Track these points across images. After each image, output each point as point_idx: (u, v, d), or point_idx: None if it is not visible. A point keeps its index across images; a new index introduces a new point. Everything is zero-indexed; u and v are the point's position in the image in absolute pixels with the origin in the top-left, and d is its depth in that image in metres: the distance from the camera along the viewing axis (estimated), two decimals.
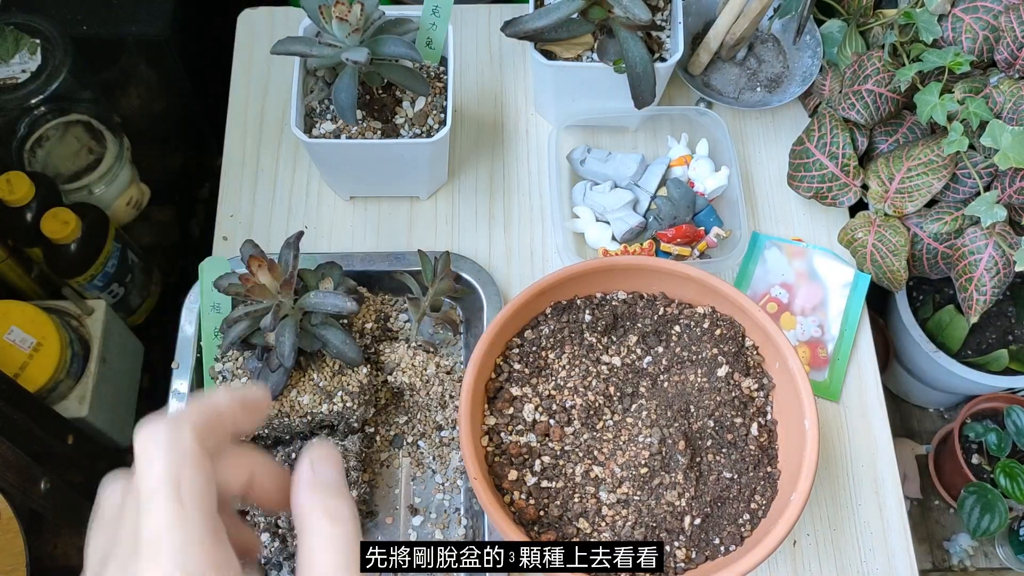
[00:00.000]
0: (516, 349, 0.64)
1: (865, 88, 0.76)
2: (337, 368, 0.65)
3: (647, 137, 0.87)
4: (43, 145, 1.11)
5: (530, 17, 0.73)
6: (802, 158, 0.80)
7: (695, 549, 0.59)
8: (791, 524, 0.55)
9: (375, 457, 0.70)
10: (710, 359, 0.63)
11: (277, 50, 0.69)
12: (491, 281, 0.76)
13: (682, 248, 0.76)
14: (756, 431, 0.61)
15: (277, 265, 0.60)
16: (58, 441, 0.86)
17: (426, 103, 0.74)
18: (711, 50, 0.85)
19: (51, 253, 1.05)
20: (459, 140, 0.86)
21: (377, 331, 0.71)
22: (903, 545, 0.71)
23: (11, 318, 0.98)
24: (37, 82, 1.04)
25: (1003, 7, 0.72)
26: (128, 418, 1.15)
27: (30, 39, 1.05)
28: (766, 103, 0.85)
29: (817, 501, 0.72)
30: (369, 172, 0.78)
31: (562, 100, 0.82)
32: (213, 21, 1.23)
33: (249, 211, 0.83)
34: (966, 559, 1.31)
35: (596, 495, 0.59)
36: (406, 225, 0.82)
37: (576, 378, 0.63)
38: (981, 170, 0.72)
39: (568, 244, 0.78)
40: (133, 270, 1.17)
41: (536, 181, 0.84)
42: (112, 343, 1.09)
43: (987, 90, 0.72)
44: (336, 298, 0.61)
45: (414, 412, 0.71)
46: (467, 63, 0.91)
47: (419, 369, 0.69)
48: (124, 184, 1.18)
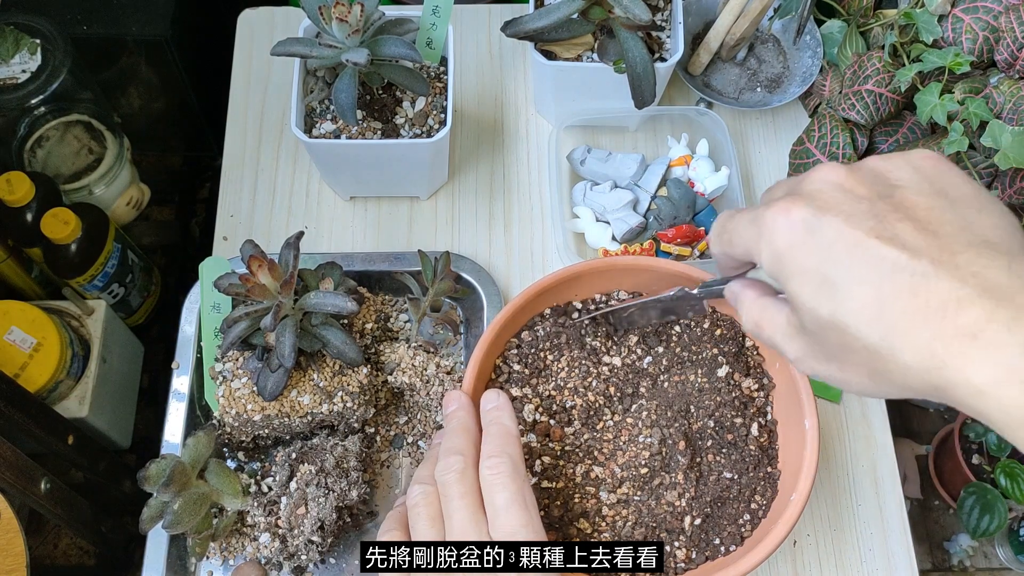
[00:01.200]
0: (516, 350, 0.64)
1: (865, 88, 0.76)
2: (337, 368, 0.65)
3: (647, 137, 0.87)
4: (43, 145, 1.11)
5: (530, 17, 0.73)
6: (802, 158, 0.80)
7: (695, 549, 0.59)
8: (791, 524, 0.55)
9: (375, 457, 0.71)
10: (710, 359, 0.63)
11: (277, 51, 0.69)
12: (491, 281, 0.76)
13: (682, 248, 0.76)
14: (756, 431, 0.61)
15: (277, 265, 0.60)
16: (58, 441, 0.86)
17: (426, 103, 0.74)
18: (711, 50, 0.85)
19: (51, 253, 1.05)
20: (459, 140, 0.86)
21: (377, 331, 0.71)
22: (903, 545, 0.71)
23: (11, 318, 0.99)
24: (37, 82, 1.05)
25: (1003, 7, 0.72)
26: (128, 418, 1.15)
27: (30, 39, 1.05)
28: (766, 103, 0.85)
29: (817, 501, 0.72)
30: (369, 172, 0.78)
31: (562, 100, 0.82)
32: (213, 21, 1.23)
33: (249, 211, 0.83)
34: (966, 559, 1.31)
35: (596, 495, 0.59)
36: (406, 225, 0.82)
37: (576, 379, 0.63)
38: (981, 170, 0.72)
39: (568, 244, 0.78)
40: (133, 270, 1.17)
41: (536, 181, 0.85)
42: (112, 343, 1.09)
43: (987, 90, 0.72)
44: (336, 298, 0.61)
45: (414, 412, 0.71)
46: (467, 63, 0.91)
47: (419, 369, 0.69)
48: (124, 184, 1.18)
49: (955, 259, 0.34)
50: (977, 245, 0.34)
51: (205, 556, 0.65)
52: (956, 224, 0.35)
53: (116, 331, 1.11)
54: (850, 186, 0.38)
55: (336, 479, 0.63)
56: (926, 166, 0.39)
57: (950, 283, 0.33)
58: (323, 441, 0.66)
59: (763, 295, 0.45)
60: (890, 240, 0.35)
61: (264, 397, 0.63)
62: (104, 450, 1.03)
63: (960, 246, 0.34)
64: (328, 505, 0.62)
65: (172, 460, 0.61)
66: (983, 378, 0.32)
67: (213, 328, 0.69)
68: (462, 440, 0.52)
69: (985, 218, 0.36)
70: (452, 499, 0.49)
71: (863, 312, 0.35)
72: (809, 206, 0.37)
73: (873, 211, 0.36)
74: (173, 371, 0.71)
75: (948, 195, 0.37)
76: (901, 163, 0.39)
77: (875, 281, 0.35)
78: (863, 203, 0.37)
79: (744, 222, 0.41)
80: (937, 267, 0.33)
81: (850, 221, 0.36)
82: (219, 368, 0.66)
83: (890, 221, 0.36)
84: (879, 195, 0.37)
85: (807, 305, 0.37)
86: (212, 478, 0.64)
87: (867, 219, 0.36)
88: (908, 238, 0.35)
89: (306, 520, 0.62)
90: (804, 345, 0.40)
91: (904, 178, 0.38)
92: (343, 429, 0.69)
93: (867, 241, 0.35)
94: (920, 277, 0.34)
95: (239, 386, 0.65)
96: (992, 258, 0.34)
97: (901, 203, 0.37)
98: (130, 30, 1.13)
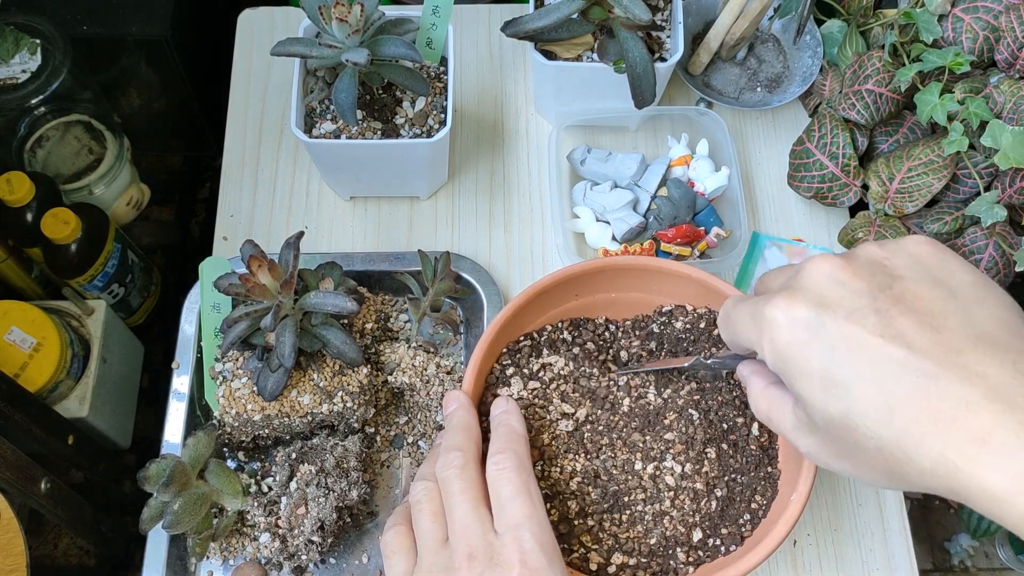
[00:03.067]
0: (516, 350, 0.64)
1: (865, 88, 0.76)
2: (337, 368, 0.65)
3: (647, 137, 0.87)
4: (43, 145, 1.11)
5: (530, 17, 0.73)
6: (802, 158, 0.80)
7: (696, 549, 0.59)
8: (791, 524, 0.55)
9: (375, 457, 0.70)
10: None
11: (277, 51, 0.69)
12: (491, 281, 0.76)
13: (682, 248, 0.76)
14: (757, 431, 0.61)
15: (277, 265, 0.60)
16: (58, 441, 0.86)
17: (426, 103, 0.74)
18: (711, 50, 0.85)
19: (51, 253, 1.05)
20: (459, 140, 0.86)
21: (377, 331, 0.71)
22: (903, 545, 0.71)
23: (11, 318, 0.99)
24: (37, 82, 1.05)
25: (1003, 7, 0.72)
26: (128, 418, 1.15)
27: (30, 39, 1.05)
28: (766, 103, 0.85)
29: (817, 501, 0.72)
30: (369, 172, 0.78)
31: (562, 100, 0.82)
32: (213, 21, 1.23)
33: (249, 211, 0.83)
34: (967, 559, 1.31)
35: (595, 503, 0.59)
36: (406, 225, 0.82)
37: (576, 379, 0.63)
38: (981, 170, 0.72)
39: (568, 244, 0.78)
40: (133, 270, 1.17)
41: (536, 181, 0.85)
42: (112, 343, 1.09)
43: (987, 90, 0.72)
44: (336, 298, 0.61)
45: (414, 412, 0.71)
46: (467, 63, 0.91)
47: (419, 369, 0.69)
48: (124, 184, 1.18)
49: (961, 359, 0.34)
50: (981, 340, 0.34)
51: (205, 556, 0.65)
52: (958, 317, 0.35)
53: (116, 331, 1.11)
54: (848, 279, 0.37)
55: (336, 479, 0.63)
56: (923, 253, 0.38)
57: (959, 386, 0.33)
58: (323, 441, 0.66)
59: (771, 384, 0.45)
60: (894, 339, 0.35)
61: (264, 397, 0.63)
62: (104, 450, 1.03)
63: (965, 343, 0.34)
64: (328, 505, 0.62)
65: (172, 460, 0.61)
66: (996, 486, 0.32)
67: (213, 328, 0.69)
68: (462, 437, 0.53)
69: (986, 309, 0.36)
70: (453, 494, 0.49)
71: (873, 414, 0.35)
72: (808, 303, 0.37)
73: (874, 306, 0.36)
74: (173, 371, 0.71)
75: (947, 284, 0.37)
76: (898, 250, 0.39)
77: (882, 382, 0.35)
78: (863, 298, 0.36)
79: (744, 315, 0.41)
80: (943, 368, 0.33)
81: (852, 318, 0.36)
82: (219, 368, 0.66)
83: (892, 316, 0.35)
84: (879, 287, 0.37)
85: (816, 405, 0.37)
86: (212, 478, 0.64)
87: (869, 315, 0.36)
88: (911, 335, 0.35)
89: (306, 520, 0.62)
90: (816, 442, 0.40)
91: (902, 266, 0.38)
92: (343, 429, 0.69)
93: (871, 340, 0.35)
94: (926, 379, 0.34)
95: (239, 386, 0.65)
96: (997, 356, 0.34)
97: (902, 295, 0.36)
98: (130, 30, 1.13)
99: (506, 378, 0.62)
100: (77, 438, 0.90)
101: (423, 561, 0.48)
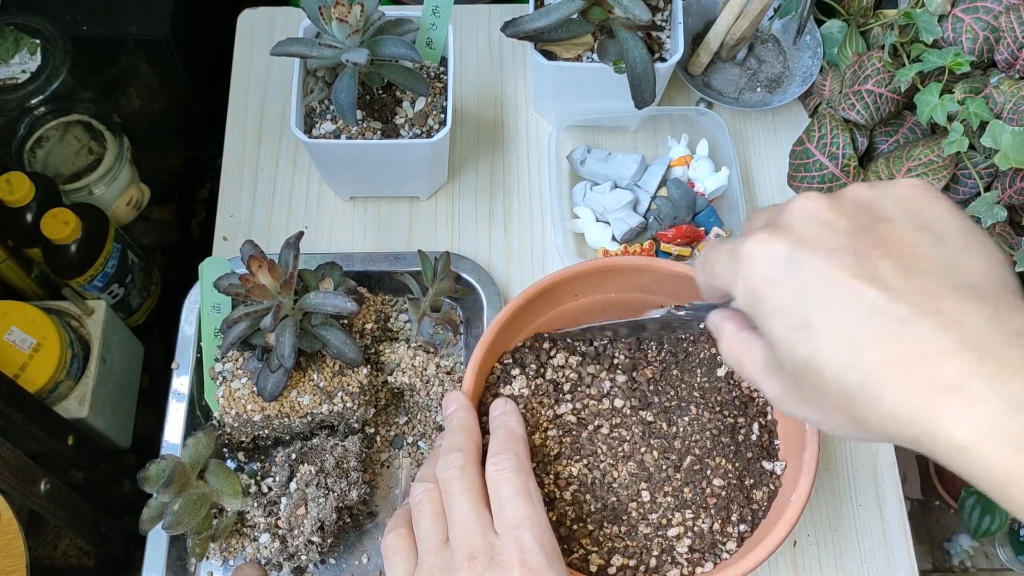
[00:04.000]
0: (516, 351, 0.64)
1: (865, 88, 0.76)
2: (337, 368, 0.65)
3: (647, 137, 0.87)
4: (43, 145, 1.11)
5: (530, 17, 0.73)
6: (802, 158, 0.80)
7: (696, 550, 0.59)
8: (791, 525, 0.55)
9: (375, 458, 0.70)
10: (709, 359, 0.63)
11: (277, 51, 0.69)
12: (491, 281, 0.76)
13: (682, 248, 0.76)
14: (757, 431, 0.61)
15: (277, 265, 0.60)
16: (58, 441, 0.86)
17: (426, 103, 0.74)
18: (711, 50, 0.85)
19: (51, 253, 1.05)
20: (459, 140, 0.86)
21: (377, 331, 0.71)
22: (903, 546, 0.71)
23: (11, 318, 0.98)
24: (37, 82, 1.04)
25: (1003, 7, 0.72)
26: (128, 418, 1.15)
27: (30, 39, 1.05)
28: (766, 103, 0.85)
29: (817, 501, 0.72)
30: (369, 172, 0.78)
31: (562, 100, 0.82)
32: (213, 21, 1.23)
33: (249, 211, 0.83)
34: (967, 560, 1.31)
35: (593, 508, 0.59)
36: (406, 225, 0.82)
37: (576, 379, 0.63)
38: (981, 170, 0.72)
39: (568, 244, 0.78)
40: (133, 270, 1.17)
41: (536, 181, 0.85)
42: (112, 343, 1.09)
43: (987, 90, 0.72)
44: (336, 298, 0.61)
45: (414, 412, 0.71)
46: (467, 63, 0.91)
47: (419, 369, 0.69)
48: (124, 184, 1.18)
49: (938, 304, 0.32)
50: (962, 289, 0.33)
51: (205, 557, 0.65)
52: (940, 263, 0.34)
53: (116, 331, 1.11)
54: (831, 218, 0.36)
55: (336, 479, 0.63)
56: (913, 196, 0.37)
57: (932, 331, 0.32)
58: (323, 441, 0.65)
59: (743, 328, 0.43)
60: (870, 280, 0.33)
61: (264, 397, 0.63)
62: (104, 450, 1.03)
63: (944, 289, 0.33)
64: (328, 505, 0.62)
65: (172, 460, 0.61)
66: (964, 434, 0.30)
67: (213, 328, 0.69)
68: (462, 438, 0.53)
69: (972, 258, 0.35)
70: (453, 495, 0.49)
71: (840, 356, 0.34)
72: (787, 240, 0.36)
73: (854, 247, 0.35)
74: (173, 371, 0.71)
75: (934, 230, 0.36)
76: (886, 193, 0.37)
77: (853, 324, 0.33)
78: (844, 238, 0.35)
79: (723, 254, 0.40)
80: (918, 312, 0.32)
81: (829, 258, 0.34)
82: (219, 368, 0.66)
83: (871, 258, 0.34)
84: (861, 228, 0.36)
85: (784, 345, 0.36)
86: (212, 478, 0.64)
87: (847, 256, 0.34)
88: (889, 278, 0.33)
89: (306, 520, 0.62)
90: (782, 385, 0.39)
91: (889, 209, 0.37)
92: (343, 429, 0.69)
93: (846, 281, 0.34)
94: (900, 323, 0.32)
95: (239, 386, 0.65)
96: (976, 305, 0.32)
97: (884, 238, 0.35)
98: (130, 30, 1.13)
99: (508, 378, 0.62)
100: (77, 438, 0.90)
101: (424, 562, 0.48)
